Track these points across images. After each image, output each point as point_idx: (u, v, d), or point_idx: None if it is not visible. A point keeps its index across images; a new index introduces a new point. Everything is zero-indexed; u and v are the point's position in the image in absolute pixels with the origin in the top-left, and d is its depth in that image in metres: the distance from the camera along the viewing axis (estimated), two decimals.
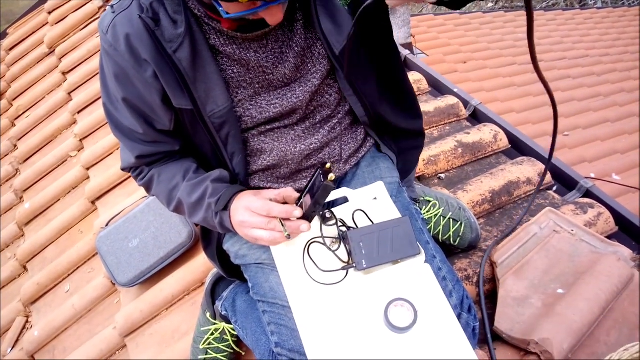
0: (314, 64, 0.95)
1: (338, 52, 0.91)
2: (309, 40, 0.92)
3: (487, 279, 1.34)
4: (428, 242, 1.01)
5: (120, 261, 1.66)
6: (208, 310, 1.32)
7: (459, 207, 1.40)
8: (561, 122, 3.45)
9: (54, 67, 3.06)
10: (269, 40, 0.89)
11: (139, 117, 0.92)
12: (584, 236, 1.35)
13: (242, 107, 0.94)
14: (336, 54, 0.91)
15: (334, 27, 0.89)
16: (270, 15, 0.75)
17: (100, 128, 2.48)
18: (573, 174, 1.74)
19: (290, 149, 1.01)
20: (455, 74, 3.67)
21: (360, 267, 0.88)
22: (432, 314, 0.83)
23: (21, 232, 2.33)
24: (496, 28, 4.76)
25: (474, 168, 1.82)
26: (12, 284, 2.18)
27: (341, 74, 0.96)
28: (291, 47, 0.91)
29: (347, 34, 0.90)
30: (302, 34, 0.91)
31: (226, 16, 0.73)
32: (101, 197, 2.14)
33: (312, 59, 0.95)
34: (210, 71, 0.86)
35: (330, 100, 1.02)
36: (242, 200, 0.88)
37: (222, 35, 0.86)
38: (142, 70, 0.84)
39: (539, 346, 1.10)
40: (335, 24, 0.89)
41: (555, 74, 4.09)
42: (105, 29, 0.84)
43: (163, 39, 0.81)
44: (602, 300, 1.18)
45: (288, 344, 0.92)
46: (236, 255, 1.10)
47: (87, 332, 1.76)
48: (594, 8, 5.89)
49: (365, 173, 1.12)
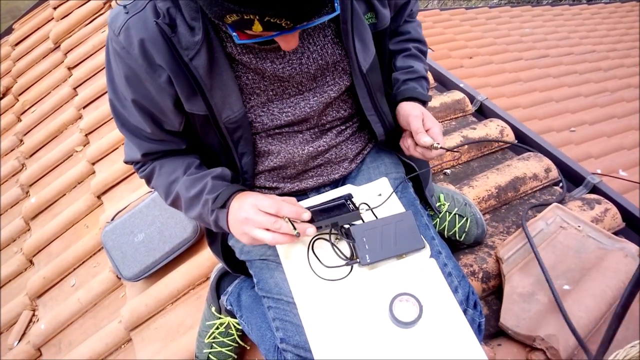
0: (334, 77, 0.95)
1: (365, 70, 0.93)
2: (336, 55, 0.92)
3: (493, 274, 1.34)
4: (433, 238, 1.00)
5: (125, 255, 1.66)
6: (213, 305, 1.32)
7: (465, 203, 1.40)
8: (568, 118, 3.43)
9: (59, 63, 3.07)
10: (287, 51, 0.88)
11: (147, 118, 0.91)
12: (590, 232, 1.34)
13: (253, 113, 0.93)
14: (364, 72, 0.93)
15: (362, 46, 0.91)
16: (285, 42, 0.75)
17: (105, 123, 2.49)
18: (580, 170, 1.72)
19: (297, 151, 1.00)
20: (461, 69, 3.65)
21: (364, 262, 0.87)
22: (438, 309, 0.82)
23: (27, 226, 2.35)
24: (502, 23, 4.72)
25: (479, 163, 1.81)
26: (18, 278, 2.20)
27: (364, 92, 0.97)
28: (315, 59, 0.90)
29: (371, 54, 0.93)
30: (330, 48, 0.91)
31: (239, 41, 0.72)
32: (107, 192, 2.15)
33: (334, 73, 0.95)
34: (226, 78, 0.85)
35: (344, 115, 1.03)
36: (249, 198, 0.87)
37: (239, 44, 0.85)
38: (155, 75, 0.82)
39: (545, 342, 1.10)
40: (363, 42, 0.91)
41: (561, 70, 4.06)
42: (117, 30, 0.81)
43: (179, 45, 0.79)
44: (608, 297, 1.17)
45: (293, 339, 0.92)
46: (241, 251, 1.10)
47: (93, 326, 1.77)
48: (602, 3, 5.83)
49: (370, 169, 1.11)
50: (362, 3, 0.90)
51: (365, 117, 1.03)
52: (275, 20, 0.65)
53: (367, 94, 0.97)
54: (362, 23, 0.89)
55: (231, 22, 0.68)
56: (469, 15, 4.72)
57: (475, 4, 8.60)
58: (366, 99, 0.98)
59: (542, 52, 4.23)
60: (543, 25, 4.83)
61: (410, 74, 1.07)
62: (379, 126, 1.04)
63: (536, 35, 4.54)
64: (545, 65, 4.03)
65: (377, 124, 1.04)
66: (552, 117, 3.42)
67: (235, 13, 0.65)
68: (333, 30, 0.90)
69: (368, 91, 0.97)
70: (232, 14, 0.65)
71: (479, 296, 1.16)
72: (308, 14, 0.67)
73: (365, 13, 0.91)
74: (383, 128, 1.05)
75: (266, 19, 0.65)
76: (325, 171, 1.08)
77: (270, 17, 0.64)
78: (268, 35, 0.71)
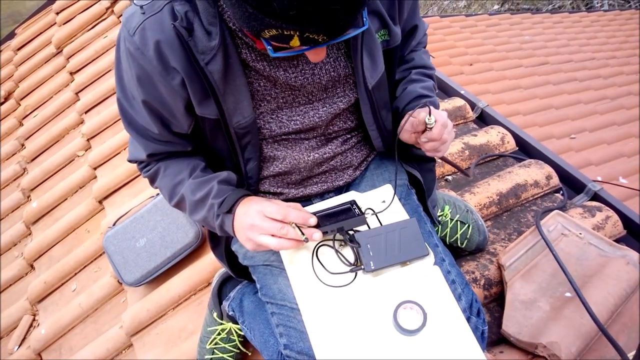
0: (344, 90, 0.96)
1: (371, 87, 0.93)
2: (348, 69, 0.93)
3: (495, 281, 1.34)
4: (437, 245, 1.00)
5: (127, 260, 1.66)
6: (215, 310, 1.32)
7: (467, 210, 1.40)
8: (567, 125, 3.44)
9: (61, 67, 3.08)
10: (300, 61, 0.89)
11: (156, 119, 0.91)
12: (592, 239, 1.35)
13: (263, 120, 0.94)
14: (369, 88, 0.93)
15: (371, 62, 0.92)
16: (314, 54, 0.76)
17: (107, 128, 2.50)
18: (581, 177, 1.73)
19: (303, 157, 1.01)
20: (461, 76, 3.66)
21: (369, 268, 0.88)
22: (442, 317, 0.83)
23: (28, 230, 2.34)
24: (502, 30, 4.74)
25: (481, 170, 1.82)
26: (19, 282, 2.20)
27: (367, 108, 0.97)
28: (327, 71, 0.91)
29: (380, 71, 0.93)
30: (343, 61, 0.92)
31: (273, 55, 0.72)
32: (108, 197, 2.15)
33: (345, 86, 0.96)
34: (239, 84, 0.86)
35: (350, 125, 1.04)
36: (254, 204, 0.87)
37: (254, 51, 0.85)
38: (169, 78, 0.82)
39: (547, 349, 1.10)
40: (372, 60, 0.92)
41: (561, 77, 4.07)
42: (132, 31, 0.80)
43: (196, 49, 0.79)
44: (610, 304, 1.18)
45: (297, 346, 0.92)
46: (244, 256, 1.10)
47: (94, 331, 1.76)
48: (601, 10, 5.86)
49: (374, 175, 1.12)
50: (376, 20, 0.91)
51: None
52: (313, 36, 0.66)
53: (370, 109, 0.98)
54: (372, 39, 0.90)
55: (269, 37, 0.68)
56: (469, 22, 4.74)
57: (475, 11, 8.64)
58: (369, 115, 0.99)
59: (542, 60, 4.24)
60: (543, 33, 4.85)
61: (408, 94, 1.05)
62: (378, 141, 1.05)
63: (536, 43, 4.55)
64: (545, 72, 4.05)
65: (377, 139, 1.05)
66: (552, 124, 3.43)
67: (276, 29, 0.65)
68: (346, 44, 0.91)
69: (372, 107, 0.98)
70: (272, 30, 0.66)
71: (481, 303, 1.17)
72: (343, 28, 0.68)
73: (378, 30, 0.91)
74: (383, 143, 1.06)
75: (306, 34, 0.65)
76: (329, 178, 1.09)
77: (310, 34, 0.65)
78: (302, 49, 0.71)
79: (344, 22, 0.66)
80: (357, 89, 0.96)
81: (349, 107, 1.00)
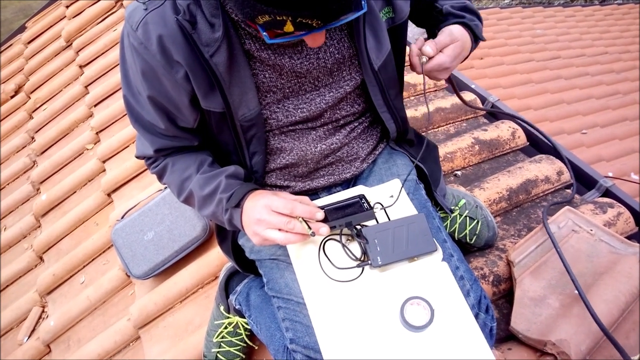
0: (350, 72, 0.95)
1: (377, 67, 0.92)
2: (351, 49, 0.92)
3: (504, 278, 1.33)
4: (445, 241, 0.99)
5: (135, 254, 1.67)
6: (222, 304, 1.32)
7: (476, 205, 1.39)
8: (579, 120, 3.40)
9: (71, 61, 3.10)
10: (304, 46, 0.88)
11: (162, 114, 0.91)
12: (603, 236, 1.33)
13: (269, 110, 0.93)
14: (375, 69, 0.92)
15: (375, 43, 0.91)
16: (312, 39, 0.76)
17: (116, 121, 2.50)
18: (592, 173, 1.71)
19: (310, 148, 1.00)
20: (472, 70, 3.63)
21: (376, 264, 0.87)
22: (449, 313, 0.82)
23: (38, 223, 2.36)
24: (513, 24, 4.69)
25: (490, 165, 1.80)
26: (28, 274, 2.22)
27: (376, 89, 0.96)
28: (332, 53, 0.91)
29: (385, 50, 0.92)
30: (347, 42, 0.91)
31: (269, 41, 0.73)
32: (117, 190, 2.15)
33: (350, 67, 0.95)
34: (244, 75, 0.86)
35: (358, 109, 1.03)
36: (261, 199, 0.87)
37: (257, 41, 0.85)
38: (173, 71, 0.82)
39: (556, 347, 1.08)
40: (377, 40, 0.91)
41: (573, 71, 4.02)
42: (135, 25, 0.80)
43: (200, 42, 0.79)
44: (621, 302, 1.16)
45: (303, 340, 0.91)
46: (251, 250, 1.10)
47: (102, 323, 1.77)
48: (615, 4, 5.77)
49: (382, 170, 1.11)
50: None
51: (378, 113, 1.02)
52: (307, 21, 0.66)
53: (379, 91, 0.97)
54: (376, 19, 0.89)
55: (262, 23, 0.68)
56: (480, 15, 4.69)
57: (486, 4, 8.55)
58: (378, 96, 0.98)
59: (553, 54, 4.19)
60: (555, 27, 4.79)
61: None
62: (391, 123, 1.04)
63: (548, 37, 4.50)
64: (556, 66, 4.00)
65: (389, 120, 1.04)
66: (563, 119, 3.39)
67: (268, 14, 0.65)
68: (349, 25, 0.90)
69: (380, 88, 0.97)
70: (265, 15, 0.66)
71: (490, 300, 1.16)
72: (338, 13, 0.68)
73: (382, 8, 0.90)
74: (395, 125, 1.05)
75: (298, 19, 0.66)
76: (336, 170, 1.08)
77: (302, 18, 0.65)
78: (297, 35, 0.71)
79: (337, 6, 0.66)
80: (362, 70, 0.94)
81: (355, 89, 0.99)
